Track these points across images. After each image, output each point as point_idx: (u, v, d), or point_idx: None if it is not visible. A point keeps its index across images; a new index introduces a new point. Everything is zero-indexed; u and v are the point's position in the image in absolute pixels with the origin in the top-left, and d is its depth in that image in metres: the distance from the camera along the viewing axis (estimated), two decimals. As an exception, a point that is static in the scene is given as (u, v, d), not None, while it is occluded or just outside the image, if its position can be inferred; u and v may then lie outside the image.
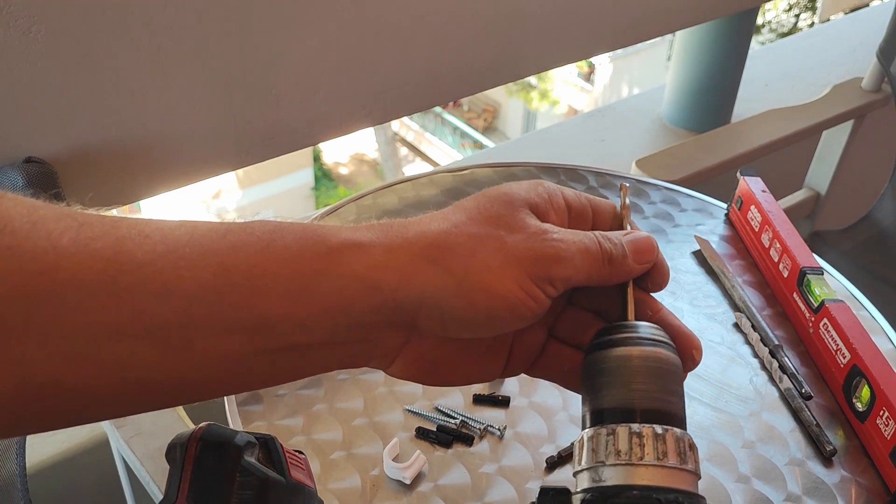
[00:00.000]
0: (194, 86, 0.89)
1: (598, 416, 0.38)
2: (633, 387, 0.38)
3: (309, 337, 0.36)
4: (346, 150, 11.84)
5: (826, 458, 0.69)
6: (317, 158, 11.21)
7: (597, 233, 0.40)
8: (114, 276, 0.32)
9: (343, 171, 11.91)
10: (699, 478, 0.37)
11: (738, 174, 0.95)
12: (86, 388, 0.32)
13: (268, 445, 0.38)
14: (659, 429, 0.37)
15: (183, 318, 0.33)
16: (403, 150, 12.69)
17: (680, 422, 0.38)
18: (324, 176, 11.44)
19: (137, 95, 0.85)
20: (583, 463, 0.37)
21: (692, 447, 0.38)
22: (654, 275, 0.42)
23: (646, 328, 0.40)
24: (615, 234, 0.41)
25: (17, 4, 0.74)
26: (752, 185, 0.93)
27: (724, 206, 1.00)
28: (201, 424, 0.37)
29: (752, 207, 0.92)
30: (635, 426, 0.37)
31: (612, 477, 0.36)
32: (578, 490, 0.37)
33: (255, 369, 0.36)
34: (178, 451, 0.37)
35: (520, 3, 1.11)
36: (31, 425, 0.35)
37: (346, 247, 0.36)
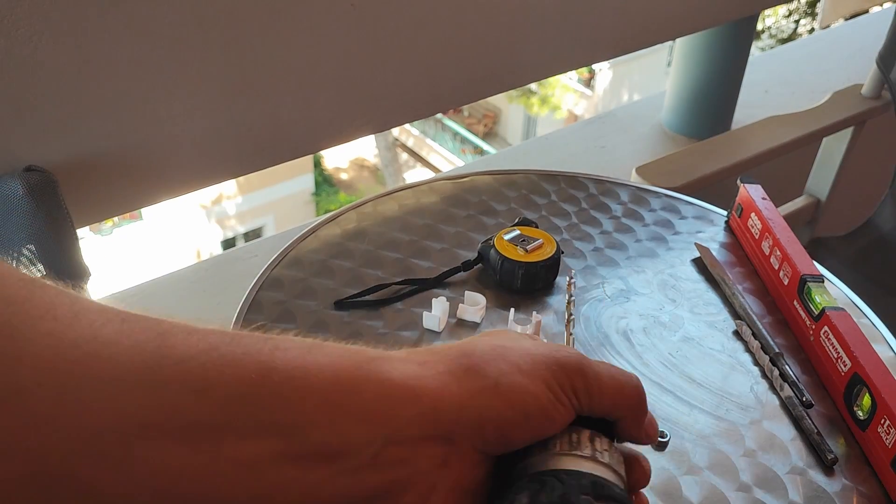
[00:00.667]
0: (195, 94, 0.89)
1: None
2: None
3: (345, 446, 0.34)
4: (347, 155, 11.86)
5: (827, 467, 0.68)
6: (317, 164, 11.23)
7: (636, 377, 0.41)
8: (155, 369, 0.31)
9: (343, 176, 11.92)
10: (600, 463, 0.39)
11: (739, 181, 0.95)
12: (103, 489, 0.30)
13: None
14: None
15: (219, 417, 0.32)
16: (404, 156, 12.70)
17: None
18: (324, 181, 11.46)
19: (138, 104, 0.85)
20: None
21: (592, 439, 0.40)
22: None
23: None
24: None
25: (19, 13, 0.74)
26: (753, 192, 0.93)
27: (725, 213, 1.00)
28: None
29: (753, 215, 0.92)
30: None
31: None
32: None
33: (282, 481, 0.33)
34: None
35: (520, 10, 1.11)
36: None
37: (383, 358, 0.36)
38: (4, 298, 0.29)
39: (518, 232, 0.87)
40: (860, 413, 0.70)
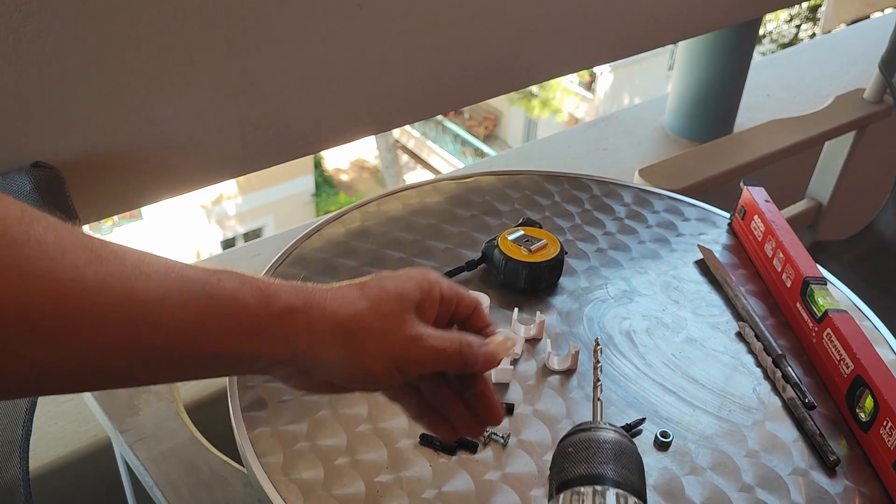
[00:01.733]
0: (202, 91, 0.89)
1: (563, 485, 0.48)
2: (593, 460, 0.48)
3: (248, 368, 0.50)
4: (347, 156, 11.85)
5: (829, 468, 0.69)
6: (318, 165, 11.22)
7: (463, 340, 0.54)
8: (125, 307, 0.42)
9: (344, 177, 11.91)
10: None
11: (742, 184, 0.96)
12: (74, 377, 0.42)
13: None
14: (599, 487, 0.46)
15: (167, 344, 0.44)
16: (404, 158, 12.70)
17: (633, 490, 0.47)
18: (324, 182, 11.44)
19: (145, 100, 0.86)
20: None
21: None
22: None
23: (607, 425, 0.51)
24: (476, 343, 0.55)
25: (27, 10, 0.74)
26: (756, 194, 0.93)
27: (727, 215, 1.00)
28: None
29: (756, 217, 0.92)
30: (581, 488, 0.46)
31: None
32: None
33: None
34: None
35: (526, 11, 1.11)
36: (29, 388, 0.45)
37: (283, 313, 0.48)
38: (9, 241, 0.38)
39: (522, 232, 0.87)
40: (862, 415, 0.71)
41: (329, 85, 0.99)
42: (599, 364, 0.55)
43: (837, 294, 0.87)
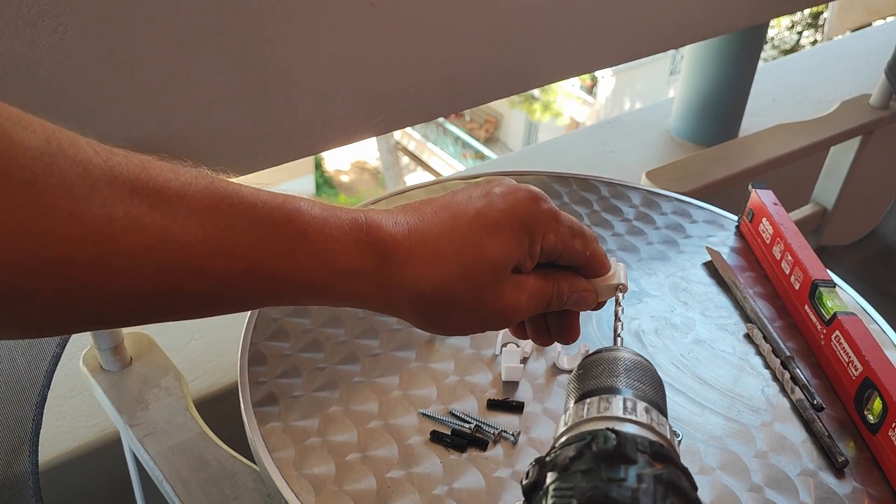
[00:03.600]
0: (215, 88, 0.89)
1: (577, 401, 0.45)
2: (609, 375, 0.45)
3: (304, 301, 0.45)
4: (348, 157, 11.85)
5: (838, 470, 0.69)
6: (318, 166, 11.22)
7: (557, 293, 0.51)
8: (161, 254, 0.37)
9: (344, 178, 11.92)
10: (657, 432, 0.41)
11: (750, 187, 0.96)
12: (110, 319, 0.39)
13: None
14: (606, 395, 0.43)
15: (208, 293, 0.40)
16: (405, 159, 12.71)
17: (646, 400, 0.43)
18: (325, 183, 11.45)
19: (160, 96, 0.86)
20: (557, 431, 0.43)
21: (648, 410, 0.42)
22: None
23: (625, 349, 0.49)
24: (568, 288, 0.51)
25: (44, 4, 0.74)
26: (764, 197, 0.93)
27: (735, 218, 1.00)
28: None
29: (764, 220, 0.92)
30: (589, 399, 0.43)
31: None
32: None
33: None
34: None
35: (536, 13, 1.12)
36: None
37: (348, 275, 0.43)
38: (27, 179, 0.33)
39: (532, 232, 0.88)
40: (871, 417, 0.71)
41: (340, 84, 0.99)
42: (621, 306, 0.54)
43: (844, 297, 0.87)
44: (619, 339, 0.53)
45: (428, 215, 0.46)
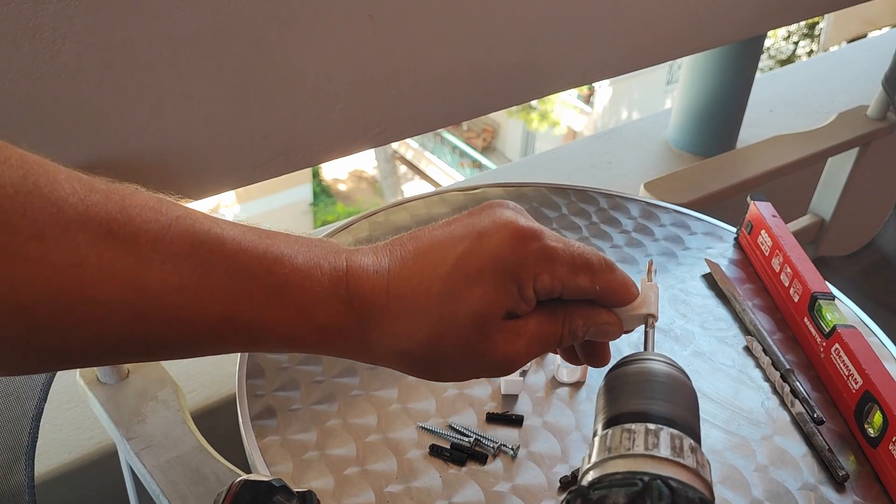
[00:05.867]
0: (213, 100, 0.89)
1: (612, 421, 0.42)
2: (645, 395, 0.42)
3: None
4: (345, 167, 11.86)
5: (838, 484, 0.69)
6: (315, 175, 11.23)
7: (570, 326, 0.47)
8: (133, 301, 0.35)
9: (342, 187, 11.92)
10: (703, 479, 0.39)
11: (749, 199, 0.96)
12: (82, 361, 0.38)
13: (304, 499, 0.39)
14: (652, 426, 0.40)
15: (182, 341, 0.38)
16: (402, 168, 12.72)
17: (687, 429, 0.41)
18: (322, 192, 11.45)
19: (157, 108, 0.86)
20: (591, 460, 0.41)
21: (694, 449, 0.40)
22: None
23: (659, 356, 0.45)
24: (583, 322, 0.47)
25: (42, 17, 0.74)
26: (763, 209, 0.93)
27: (734, 229, 1.00)
28: (239, 479, 0.39)
29: (763, 232, 0.92)
30: (633, 426, 0.40)
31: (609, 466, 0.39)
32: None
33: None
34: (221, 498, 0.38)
35: (536, 24, 1.12)
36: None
37: (325, 332, 0.42)
38: (1, 219, 0.32)
39: (531, 244, 0.87)
40: (871, 430, 0.71)
41: (339, 95, 0.99)
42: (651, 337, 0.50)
43: (843, 310, 0.87)
44: (650, 331, 0.50)
45: (409, 262, 0.43)
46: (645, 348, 0.48)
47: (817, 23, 9.23)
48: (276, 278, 0.40)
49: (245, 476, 0.41)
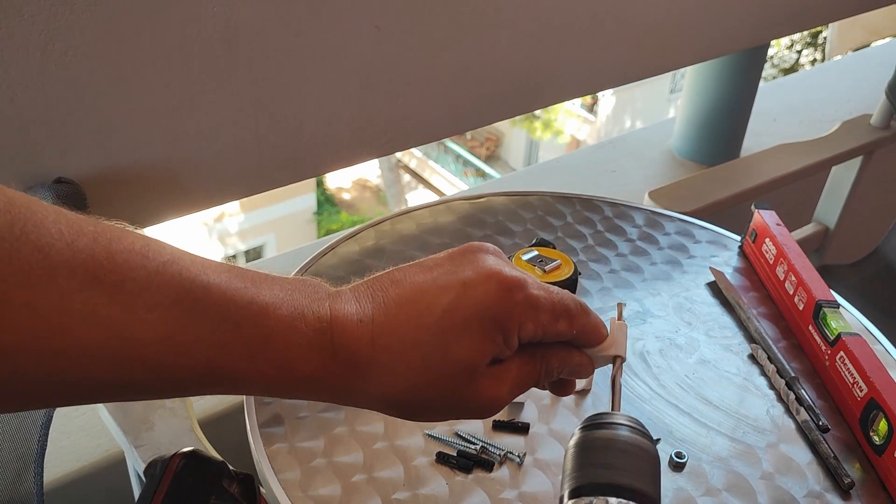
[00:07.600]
0: (222, 111, 0.90)
1: (576, 491, 0.44)
2: (610, 465, 0.44)
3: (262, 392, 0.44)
4: (349, 175, 11.87)
5: (844, 491, 0.69)
6: (320, 183, 11.24)
7: (544, 371, 0.48)
8: (117, 348, 0.36)
9: (346, 196, 11.94)
10: None
11: (753, 207, 0.97)
12: (63, 402, 0.38)
13: (245, 483, 0.40)
14: (613, 500, 0.42)
15: (165, 385, 0.39)
16: (406, 177, 12.73)
17: (648, 500, 0.43)
18: (326, 201, 11.46)
19: (167, 118, 0.87)
20: None
21: None
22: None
23: (626, 419, 0.47)
24: (558, 363, 0.49)
25: (54, 28, 0.75)
26: (767, 218, 0.94)
27: (738, 238, 1.01)
28: (185, 449, 0.39)
29: (767, 240, 0.93)
30: (594, 500, 0.43)
31: None
32: None
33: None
34: (158, 467, 0.38)
35: (542, 34, 1.12)
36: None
37: (306, 382, 0.42)
38: None
39: (536, 252, 0.88)
40: (876, 438, 0.71)
41: (346, 105, 1.00)
42: (619, 377, 0.53)
43: (848, 317, 0.88)
44: (617, 387, 0.51)
45: (393, 310, 0.44)
46: (612, 403, 0.50)
47: (821, 32, 9.24)
48: (261, 330, 0.40)
49: (183, 450, 0.41)
